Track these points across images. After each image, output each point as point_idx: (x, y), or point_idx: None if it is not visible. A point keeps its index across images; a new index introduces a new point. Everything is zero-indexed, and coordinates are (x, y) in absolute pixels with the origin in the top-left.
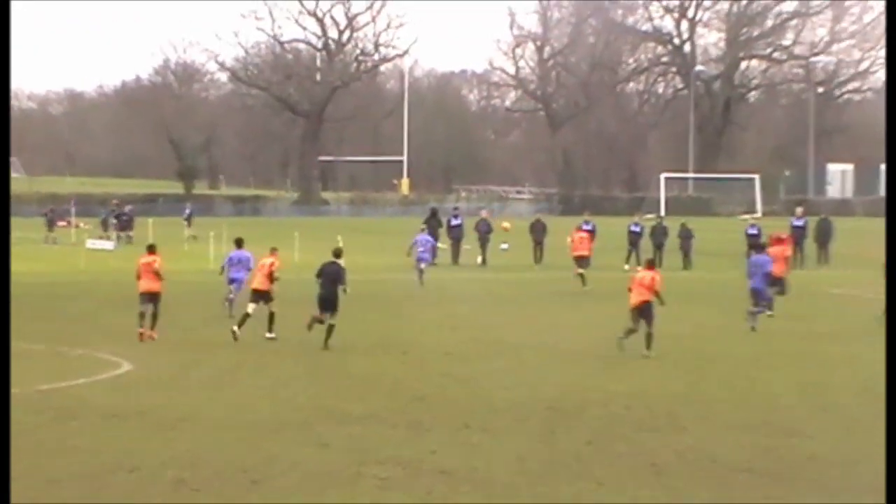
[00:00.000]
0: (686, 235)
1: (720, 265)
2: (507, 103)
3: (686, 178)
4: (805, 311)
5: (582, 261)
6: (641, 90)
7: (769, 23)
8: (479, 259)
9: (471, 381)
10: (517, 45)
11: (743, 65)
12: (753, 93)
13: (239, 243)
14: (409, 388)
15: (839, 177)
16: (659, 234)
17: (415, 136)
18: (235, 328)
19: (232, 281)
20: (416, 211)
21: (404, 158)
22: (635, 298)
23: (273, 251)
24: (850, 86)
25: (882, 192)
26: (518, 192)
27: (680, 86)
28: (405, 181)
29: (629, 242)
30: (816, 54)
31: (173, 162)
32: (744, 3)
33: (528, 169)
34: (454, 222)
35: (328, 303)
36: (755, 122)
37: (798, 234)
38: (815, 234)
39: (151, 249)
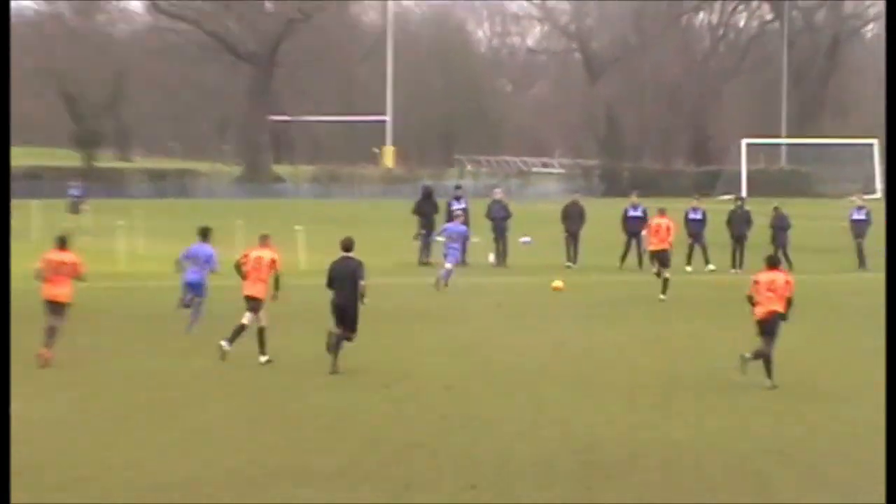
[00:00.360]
0: (781, 225)
1: (827, 264)
2: (530, 42)
3: (777, 145)
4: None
5: (661, 257)
6: (715, 23)
7: None
8: (492, 257)
9: (478, 423)
10: None
11: None
12: (871, 26)
13: (204, 234)
14: (396, 435)
15: None
16: (739, 222)
17: (402, 88)
18: (224, 343)
19: (189, 285)
20: (405, 191)
21: (388, 119)
22: (763, 309)
23: (264, 240)
24: None
25: None
26: (544, 166)
27: (769, 17)
28: (389, 150)
29: (688, 234)
30: None
31: (67, 124)
32: None
33: (559, 133)
34: (456, 207)
35: (345, 313)
36: (875, 66)
37: None
38: None
39: (63, 244)
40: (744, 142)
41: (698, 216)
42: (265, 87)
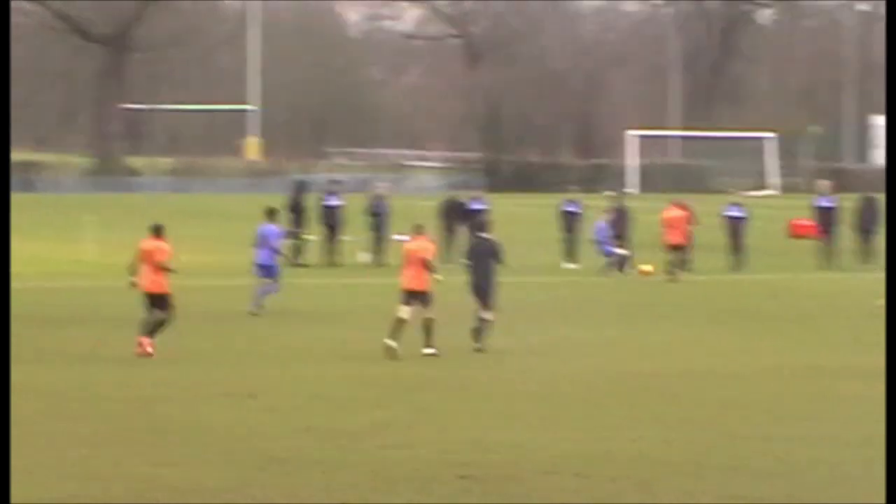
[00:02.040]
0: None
1: (724, 263)
2: (406, 27)
3: (667, 138)
4: (840, 334)
5: (677, 252)
6: (601, 7)
7: None
8: (367, 256)
9: (351, 437)
10: None
11: None
12: (767, 11)
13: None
14: (258, 448)
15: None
16: (621, 220)
17: (268, 74)
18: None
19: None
20: (272, 185)
21: (253, 108)
22: None
23: (157, 233)
24: None
25: None
26: (422, 158)
27: (658, 1)
28: (254, 141)
29: (564, 229)
30: None
31: None
32: None
33: (437, 124)
34: (330, 202)
35: (482, 291)
36: (769, 54)
37: (827, 219)
38: (854, 219)
39: (158, 232)
40: (631, 133)
41: (575, 209)
42: (117, 72)
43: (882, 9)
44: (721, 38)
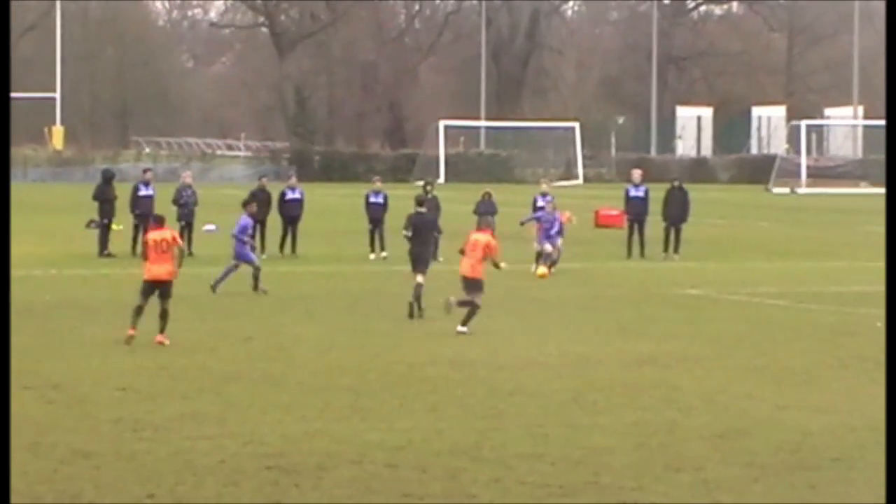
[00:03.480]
0: (487, 210)
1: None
2: (214, 15)
3: (475, 128)
4: (649, 323)
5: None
6: None
7: None
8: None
9: (159, 429)
10: None
11: None
12: (572, 3)
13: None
14: (63, 442)
15: (694, 125)
16: (429, 208)
17: (71, 63)
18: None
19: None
20: (77, 175)
21: (56, 96)
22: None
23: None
24: None
25: (753, 149)
26: (230, 148)
27: None
28: (58, 130)
29: (369, 220)
30: None
31: None
32: None
33: (245, 113)
34: (142, 192)
35: (421, 258)
36: (574, 45)
37: (636, 209)
38: (662, 209)
39: (160, 222)
40: (441, 123)
41: (380, 199)
42: None
43: (686, 3)
44: (528, 30)
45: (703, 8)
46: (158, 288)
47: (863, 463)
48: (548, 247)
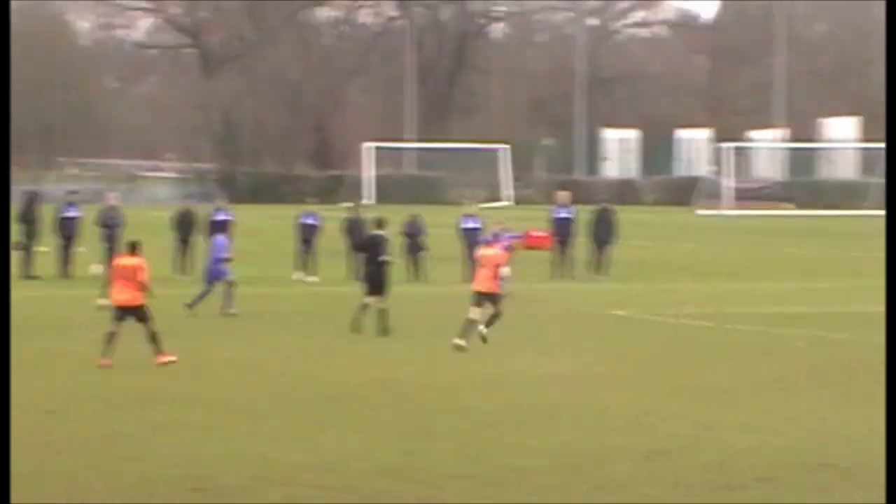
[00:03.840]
0: (414, 231)
1: (459, 273)
2: (139, 36)
3: (403, 150)
4: (577, 344)
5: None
6: (338, 19)
7: None
8: (100, 267)
9: (85, 450)
10: None
11: None
12: (500, 25)
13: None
14: None
15: (619, 147)
16: (356, 229)
17: None
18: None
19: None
20: None
21: None
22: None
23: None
24: (634, 16)
25: (678, 170)
26: (156, 169)
27: (393, 13)
28: None
29: (302, 241)
30: None
31: None
32: None
33: (171, 134)
34: (68, 213)
35: (376, 281)
36: (501, 67)
37: (562, 230)
38: (589, 231)
39: (133, 249)
40: (368, 145)
41: (314, 221)
42: None
43: (611, 25)
44: (455, 52)
45: (628, 30)
46: (132, 314)
47: (787, 482)
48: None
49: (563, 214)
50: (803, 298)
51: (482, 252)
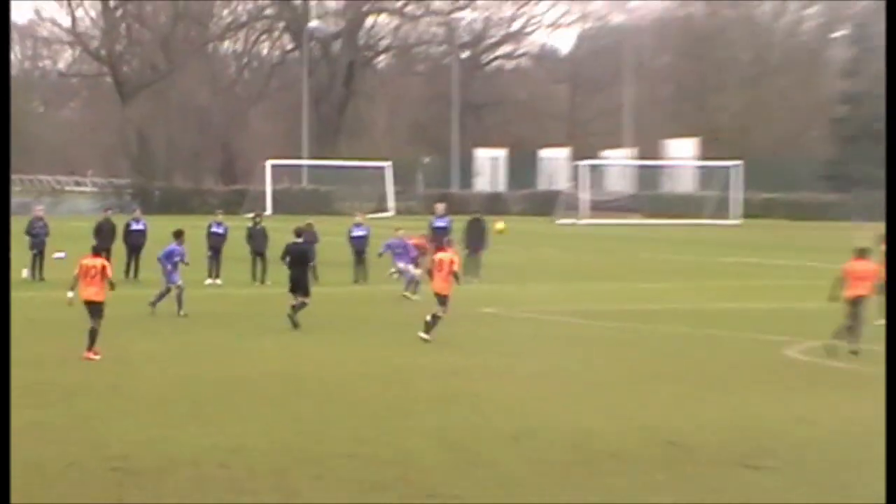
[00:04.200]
0: (310, 240)
1: (348, 276)
2: (62, 66)
3: (299, 167)
4: (455, 339)
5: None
6: (240, 51)
7: None
8: (27, 272)
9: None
10: None
11: (369, 21)
12: (383, 56)
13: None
14: None
15: (489, 165)
16: (258, 237)
17: None
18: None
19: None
20: None
21: None
22: (852, 291)
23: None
24: (502, 50)
25: (541, 185)
26: (77, 184)
27: (289, 46)
28: None
29: (209, 248)
30: (459, 10)
31: None
32: None
33: (92, 153)
34: None
35: (301, 283)
36: (385, 94)
37: (440, 237)
38: (463, 237)
39: (96, 252)
40: (268, 163)
41: (221, 230)
42: None
43: (482, 58)
44: (345, 80)
45: (497, 62)
46: (90, 308)
47: (636, 457)
48: (417, 271)
49: (441, 223)
50: (652, 297)
51: (440, 256)
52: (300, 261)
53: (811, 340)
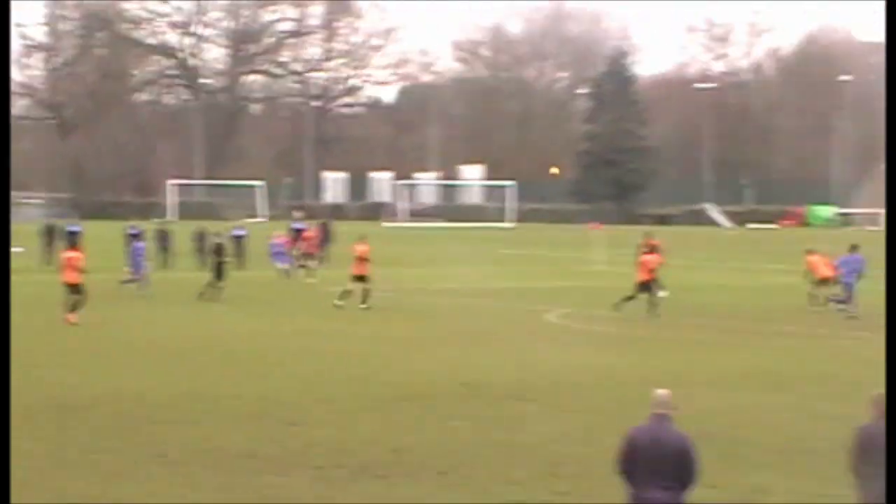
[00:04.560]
0: (202, 238)
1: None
2: (17, 111)
3: (194, 185)
4: (306, 310)
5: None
6: (151, 100)
7: (268, 41)
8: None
9: None
10: (26, 55)
11: (246, 78)
12: (256, 105)
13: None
14: None
15: (334, 184)
16: (162, 237)
17: None
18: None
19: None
20: None
21: None
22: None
23: (74, 245)
24: (342, 101)
25: (371, 198)
26: (27, 198)
27: (187, 97)
28: None
29: (126, 244)
30: (312, 71)
31: None
32: (244, 21)
33: (40, 175)
34: None
35: (221, 269)
36: (258, 131)
37: (298, 236)
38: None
39: (74, 246)
40: (170, 182)
41: (136, 231)
42: None
43: (328, 105)
44: (229, 120)
45: (339, 109)
46: (71, 287)
47: (432, 396)
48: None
49: (299, 226)
50: (451, 278)
51: (358, 248)
52: (221, 255)
53: (565, 308)
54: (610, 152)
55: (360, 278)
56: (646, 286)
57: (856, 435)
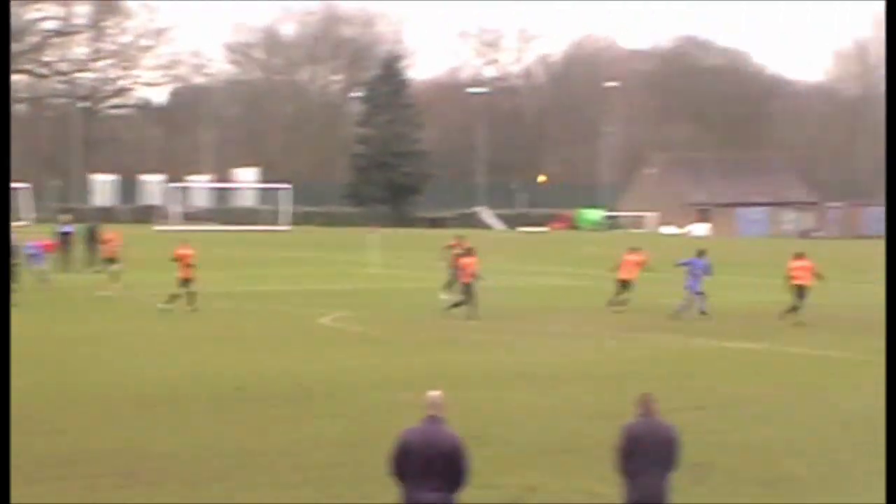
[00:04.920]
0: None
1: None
2: None
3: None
4: (68, 315)
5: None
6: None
7: (32, 39)
8: None
9: None
10: None
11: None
12: (21, 106)
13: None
14: None
15: (103, 186)
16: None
17: None
18: None
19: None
20: None
21: None
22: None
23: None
24: (111, 102)
25: (142, 201)
26: None
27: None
28: None
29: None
30: (78, 71)
31: None
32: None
33: None
34: None
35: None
36: (23, 133)
37: (65, 240)
38: (84, 239)
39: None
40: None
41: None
42: None
43: (96, 106)
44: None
45: (108, 111)
46: None
47: (217, 397)
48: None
49: (66, 230)
50: (223, 282)
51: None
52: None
53: (339, 312)
54: (384, 155)
55: (186, 282)
56: (468, 287)
57: (622, 434)
